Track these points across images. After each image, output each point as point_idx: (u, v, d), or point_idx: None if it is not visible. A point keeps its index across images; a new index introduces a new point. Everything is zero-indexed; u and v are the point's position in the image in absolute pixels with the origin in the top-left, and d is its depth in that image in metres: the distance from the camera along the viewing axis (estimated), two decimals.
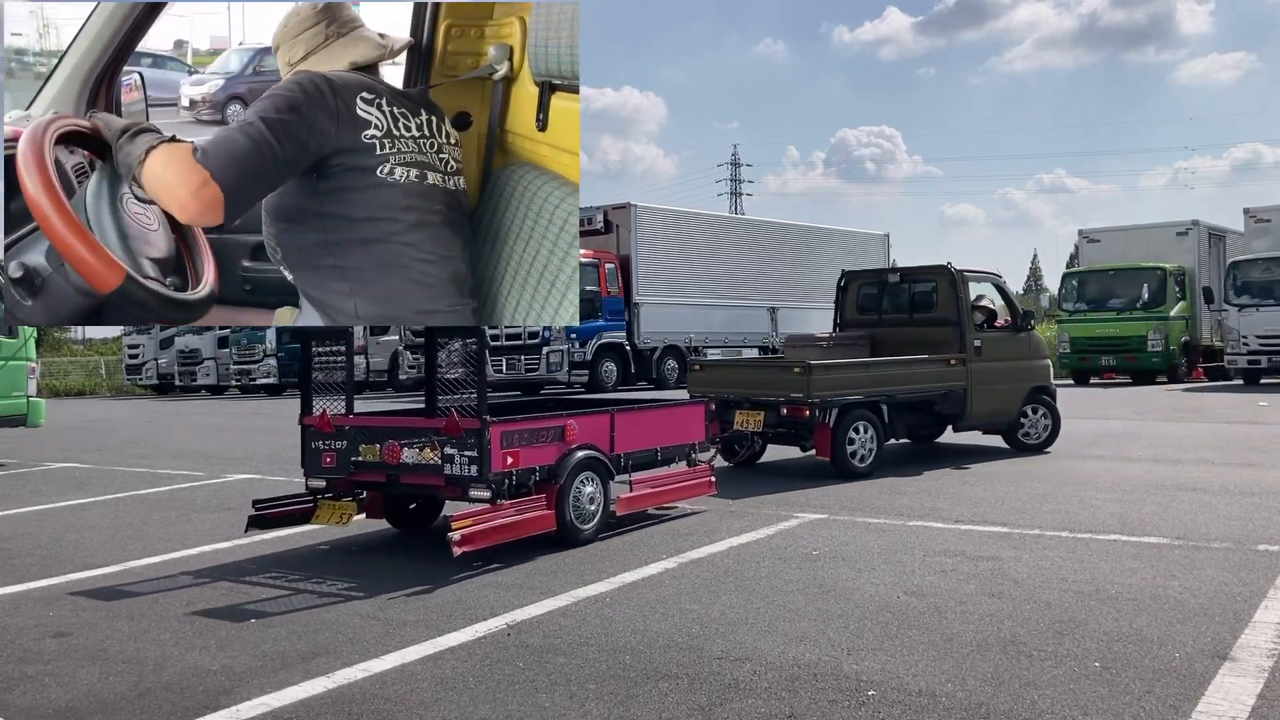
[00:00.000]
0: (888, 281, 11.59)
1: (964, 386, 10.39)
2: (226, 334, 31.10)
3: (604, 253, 22.80)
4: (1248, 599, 5.14)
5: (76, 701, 4.08)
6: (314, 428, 6.63)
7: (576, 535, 6.56)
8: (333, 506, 6.60)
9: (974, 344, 10.53)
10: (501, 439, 6.06)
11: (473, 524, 5.86)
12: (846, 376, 9.62)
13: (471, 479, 6.00)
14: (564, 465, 6.46)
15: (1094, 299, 24.22)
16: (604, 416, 7.00)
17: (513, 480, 6.19)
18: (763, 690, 4.00)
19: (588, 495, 6.65)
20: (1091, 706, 3.76)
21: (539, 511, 6.28)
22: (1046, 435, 11.21)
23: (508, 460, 6.10)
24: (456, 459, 6.02)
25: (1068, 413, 16.13)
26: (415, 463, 6.19)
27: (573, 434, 6.57)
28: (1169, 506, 7.74)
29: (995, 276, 11.52)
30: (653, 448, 7.40)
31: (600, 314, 22.45)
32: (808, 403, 9.17)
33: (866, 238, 30.11)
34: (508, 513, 6.09)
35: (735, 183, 79.16)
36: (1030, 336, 11.34)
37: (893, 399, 9.91)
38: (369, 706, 3.93)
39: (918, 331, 10.93)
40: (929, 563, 6.04)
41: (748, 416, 9.59)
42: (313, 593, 5.64)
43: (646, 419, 7.49)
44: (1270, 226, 22.66)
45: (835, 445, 9.31)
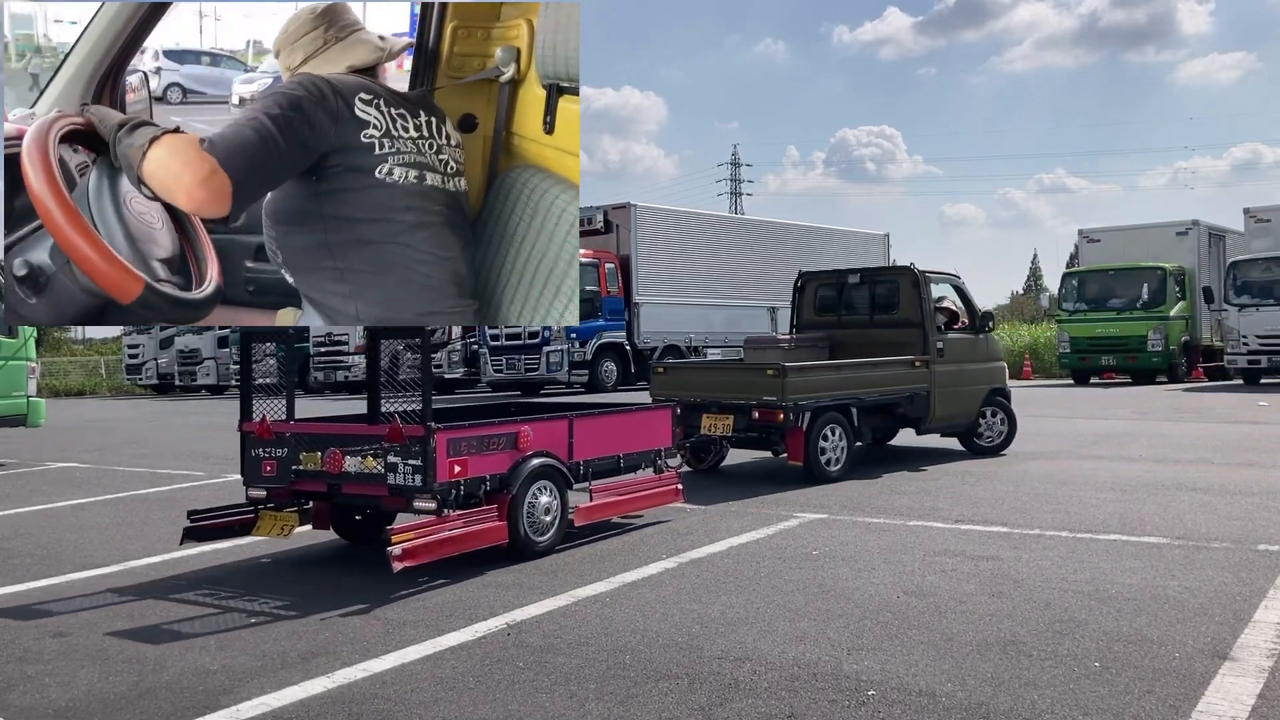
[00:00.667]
0: (847, 282, 11.36)
1: (927, 389, 10.23)
2: (226, 334, 31.10)
3: (604, 253, 22.79)
4: (1248, 599, 5.14)
5: (76, 701, 4.08)
6: (253, 434, 6.30)
7: (531, 548, 6.25)
8: (274, 517, 6.30)
9: (936, 346, 10.38)
10: (448, 447, 5.76)
11: (414, 537, 5.56)
12: (819, 379, 9.44)
13: (416, 489, 5.70)
14: (517, 474, 6.14)
15: (1094, 299, 24.21)
16: (561, 422, 6.67)
17: (461, 490, 5.86)
18: (763, 690, 4.00)
19: (543, 505, 6.32)
20: (1091, 706, 3.77)
21: (489, 523, 5.97)
22: (1002, 438, 11.08)
23: (455, 469, 5.79)
24: (400, 468, 5.72)
25: (1068, 413, 16.19)
26: (358, 472, 5.90)
27: (527, 441, 6.26)
28: (1169, 506, 7.74)
29: (954, 277, 11.35)
30: (615, 454, 7.09)
31: (600, 314, 22.44)
32: (781, 406, 8.92)
33: (867, 238, 30.09)
34: (454, 525, 5.77)
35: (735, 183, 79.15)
36: (988, 338, 11.22)
37: (861, 402, 9.71)
38: (369, 706, 3.93)
39: (879, 333, 10.76)
40: (929, 563, 6.04)
41: (715, 420, 9.30)
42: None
43: (608, 424, 7.16)
44: (1270, 226, 22.65)
45: (808, 449, 9.09)
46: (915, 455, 11.05)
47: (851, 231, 29.88)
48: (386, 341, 6.32)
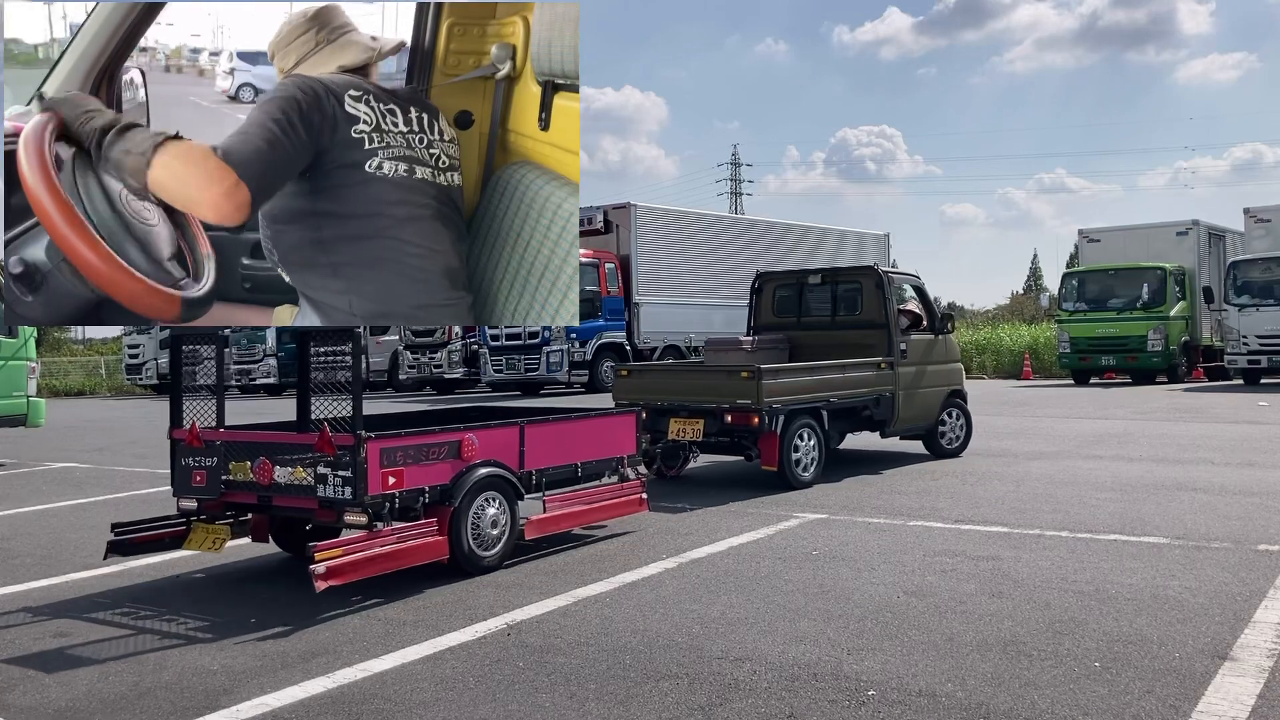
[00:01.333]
0: (807, 283, 11.10)
1: (892, 391, 10.05)
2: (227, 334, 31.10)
3: (604, 252, 22.79)
4: (1248, 599, 5.14)
5: (76, 701, 4.08)
6: (183, 442, 5.95)
7: (476, 563, 5.90)
8: (206, 530, 5.96)
9: (900, 347, 10.20)
10: (381, 457, 5.41)
11: (342, 554, 5.21)
12: (794, 382, 9.14)
13: (346, 502, 5.34)
14: (460, 485, 5.78)
15: (1094, 299, 24.20)
16: (511, 429, 6.31)
17: (395, 503, 5.52)
18: (763, 690, 4.00)
19: (490, 518, 5.96)
20: (1091, 706, 3.76)
21: (428, 538, 5.62)
22: (961, 440, 11.00)
23: (389, 481, 5.45)
24: (330, 479, 5.36)
25: (1068, 413, 16.19)
26: (287, 483, 5.55)
27: (471, 450, 5.90)
28: (1169, 506, 7.74)
29: (914, 277, 11.15)
30: (572, 463, 6.71)
31: (600, 314, 22.44)
32: (756, 409, 8.61)
33: (867, 237, 30.10)
34: (386, 540, 5.41)
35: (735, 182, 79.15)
36: (947, 340, 11.03)
37: (831, 405, 9.46)
38: (369, 706, 3.93)
39: (841, 335, 10.54)
40: (929, 563, 6.04)
41: (685, 425, 8.96)
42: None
43: (565, 431, 6.78)
44: (1270, 226, 22.65)
45: (782, 454, 8.83)
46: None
47: (852, 231, 29.89)
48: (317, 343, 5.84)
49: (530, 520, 6.28)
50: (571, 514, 6.64)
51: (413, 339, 26.50)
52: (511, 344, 22.86)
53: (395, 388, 28.03)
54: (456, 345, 25.64)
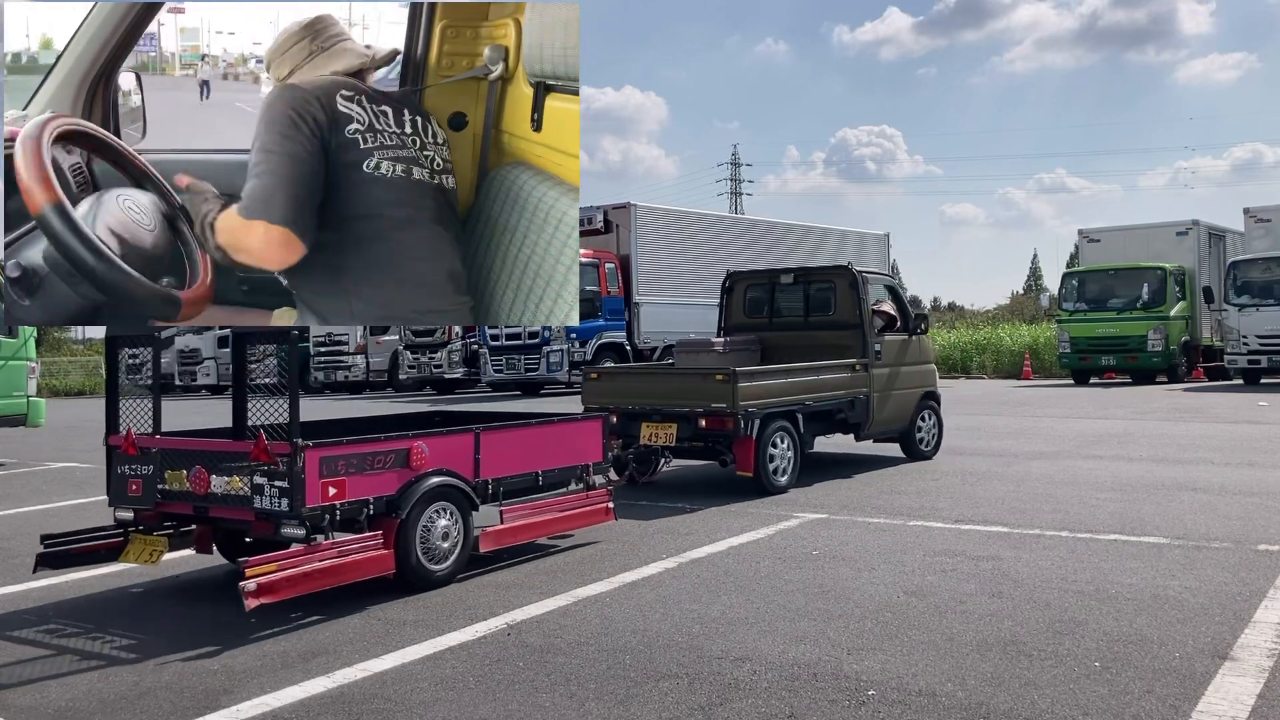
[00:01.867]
0: (779, 283, 10.83)
1: (867, 393, 9.84)
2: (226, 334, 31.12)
3: (604, 252, 22.78)
4: (1248, 599, 5.14)
5: (76, 701, 4.08)
6: (119, 449, 5.68)
7: (426, 578, 5.60)
8: (144, 542, 5.68)
9: (875, 349, 10.00)
10: (321, 466, 5.13)
11: (275, 570, 4.94)
12: (769, 384, 8.86)
13: (283, 514, 5.07)
14: (408, 496, 5.49)
15: (1094, 299, 24.20)
16: (465, 436, 6.00)
17: (337, 515, 5.23)
18: (763, 690, 4.00)
19: (441, 530, 5.67)
20: (1091, 706, 3.76)
21: (372, 552, 5.33)
22: (935, 442, 10.86)
23: (329, 491, 5.17)
24: (267, 489, 5.10)
25: (1068, 413, 16.19)
26: (224, 493, 5.30)
27: (421, 458, 5.61)
28: (1169, 506, 7.74)
29: (887, 277, 10.94)
30: (532, 471, 6.41)
31: (600, 314, 22.44)
32: (731, 413, 8.35)
33: (867, 237, 30.10)
34: (325, 555, 5.14)
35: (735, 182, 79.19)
36: (920, 340, 10.83)
37: (807, 408, 9.21)
38: (369, 706, 3.93)
39: (814, 335, 10.31)
40: (929, 563, 6.04)
41: (657, 429, 8.71)
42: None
43: (525, 437, 6.48)
44: (1270, 226, 22.63)
45: (758, 458, 8.56)
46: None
47: (852, 231, 29.88)
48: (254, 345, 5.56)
49: (486, 531, 6.00)
50: (531, 525, 6.34)
51: (413, 339, 26.49)
52: (511, 344, 22.86)
53: (395, 388, 28.03)
54: (456, 345, 25.63)
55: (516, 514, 6.27)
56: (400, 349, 27.15)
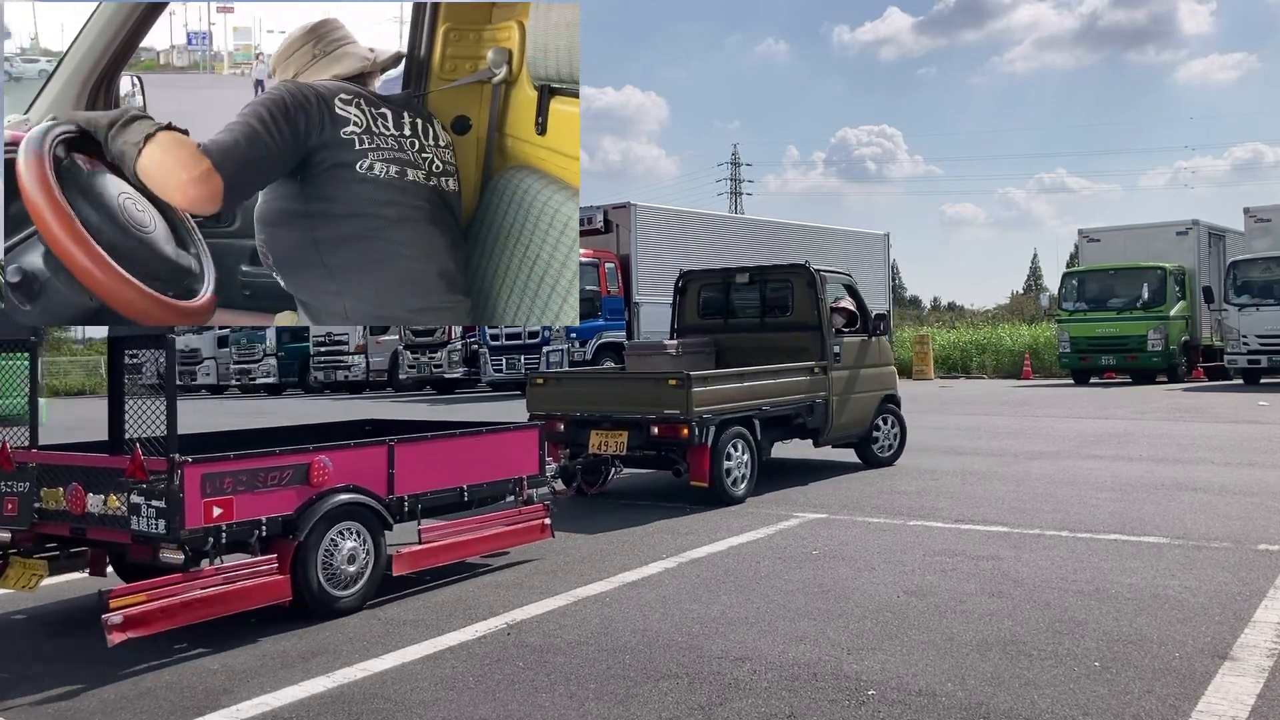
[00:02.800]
0: (734, 282, 10.38)
1: (826, 397, 9.43)
2: (226, 334, 31.17)
3: (604, 252, 22.78)
4: (1248, 598, 5.14)
5: (76, 701, 4.08)
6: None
7: (328, 605, 5.14)
8: (22, 565, 5.20)
9: (834, 350, 9.60)
10: (203, 484, 4.69)
11: (146, 600, 4.48)
12: (725, 389, 8.41)
13: (160, 537, 4.63)
14: (308, 515, 5.05)
15: (1094, 298, 24.20)
16: (377, 449, 5.55)
17: (222, 538, 4.78)
18: (763, 690, 4.01)
19: (346, 552, 5.21)
20: (1091, 706, 3.77)
21: (264, 577, 4.89)
22: (895, 448, 10.46)
23: (214, 512, 4.73)
24: (144, 510, 4.65)
25: (1068, 413, 16.19)
26: (101, 513, 4.85)
27: (323, 474, 5.16)
28: (1169, 506, 7.74)
29: (846, 276, 10.63)
30: (456, 486, 5.95)
31: (600, 314, 22.44)
32: (685, 420, 7.89)
33: (867, 237, 30.12)
34: (208, 582, 4.70)
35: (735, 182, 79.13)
36: (879, 342, 10.44)
37: (764, 413, 8.77)
38: (369, 706, 3.94)
39: (771, 337, 9.92)
40: (929, 562, 6.04)
41: (607, 438, 8.23)
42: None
43: (447, 450, 5.98)
44: (1270, 226, 22.62)
45: (714, 468, 8.12)
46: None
47: (852, 231, 29.90)
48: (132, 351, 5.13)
49: (400, 552, 5.57)
50: (453, 545, 5.88)
51: (413, 339, 26.50)
52: (511, 344, 22.87)
53: (395, 387, 28.05)
54: (456, 345, 25.64)
55: (437, 533, 5.82)
56: (400, 349, 27.16)
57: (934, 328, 39.40)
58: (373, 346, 28.26)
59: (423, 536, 5.74)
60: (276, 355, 30.77)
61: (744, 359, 9.75)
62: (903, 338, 32.90)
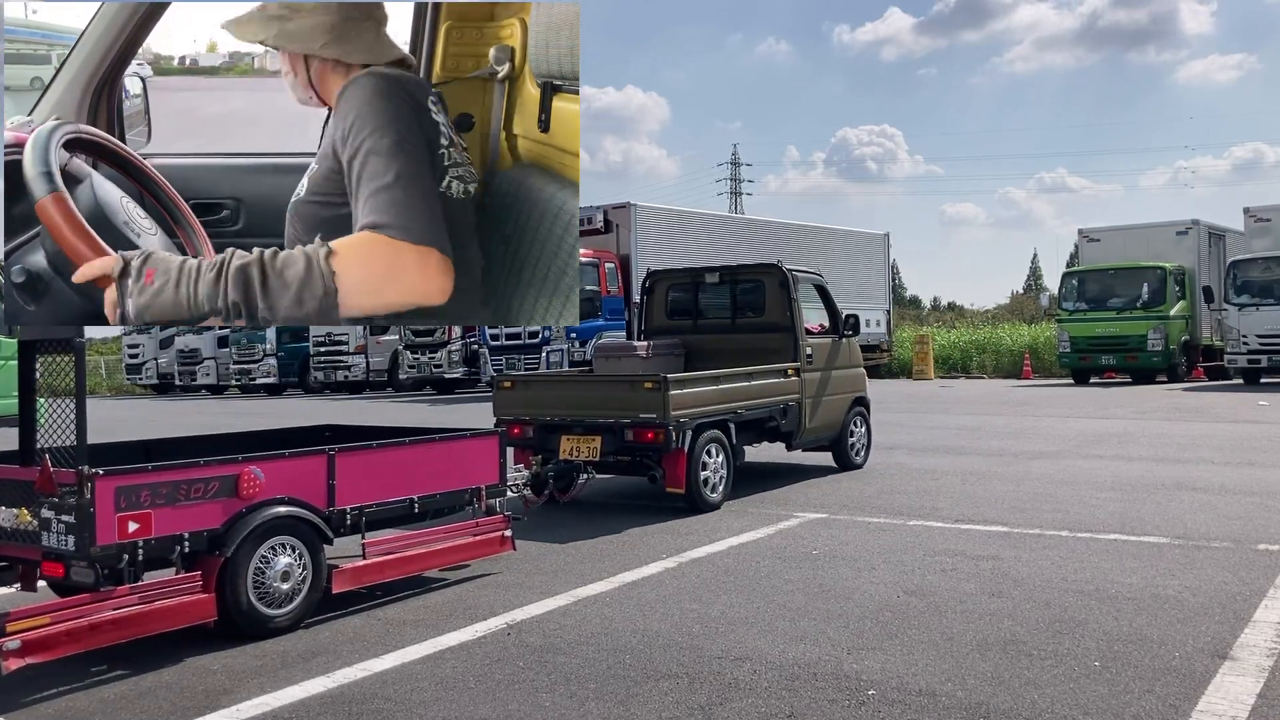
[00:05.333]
0: (704, 282, 10.15)
1: (799, 399, 9.22)
2: (226, 334, 31.16)
3: (604, 252, 22.79)
4: (1248, 598, 5.14)
5: (76, 701, 4.08)
6: None
7: (259, 625, 4.82)
8: None
9: (806, 352, 9.40)
10: (117, 497, 4.40)
11: (49, 623, 4.19)
12: (701, 392, 8.16)
13: (70, 554, 4.36)
14: (236, 530, 4.74)
15: (1094, 298, 24.20)
16: (316, 459, 5.21)
17: (139, 555, 4.48)
18: (763, 690, 4.01)
19: (280, 569, 4.89)
20: (1091, 706, 3.77)
21: (186, 596, 4.59)
22: (865, 450, 10.37)
23: (129, 527, 4.44)
24: (54, 524, 4.37)
25: (1068, 413, 16.19)
26: (12, 528, 4.62)
27: (253, 486, 4.85)
28: (1169, 506, 7.74)
29: (816, 276, 10.43)
30: (406, 497, 5.62)
31: (600, 313, 22.44)
32: (662, 424, 7.65)
33: (867, 237, 30.13)
34: (122, 602, 4.41)
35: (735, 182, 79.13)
36: (850, 343, 10.26)
37: (740, 417, 8.53)
38: (369, 706, 3.94)
39: (742, 338, 9.71)
40: (929, 562, 6.04)
41: (578, 443, 7.98)
42: None
43: (395, 459, 5.62)
44: (1270, 226, 22.62)
45: (690, 473, 7.87)
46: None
47: (852, 231, 29.90)
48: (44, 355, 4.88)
49: (342, 569, 5.25)
50: (401, 559, 5.56)
51: (412, 339, 26.49)
52: (511, 344, 22.88)
53: (395, 387, 28.05)
54: (456, 345, 25.64)
55: (383, 548, 5.50)
56: (400, 349, 27.16)
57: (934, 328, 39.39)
58: (373, 346, 28.26)
59: (366, 551, 5.41)
60: (276, 355, 30.78)
61: (714, 361, 9.50)
62: (903, 337, 32.91)
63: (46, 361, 4.92)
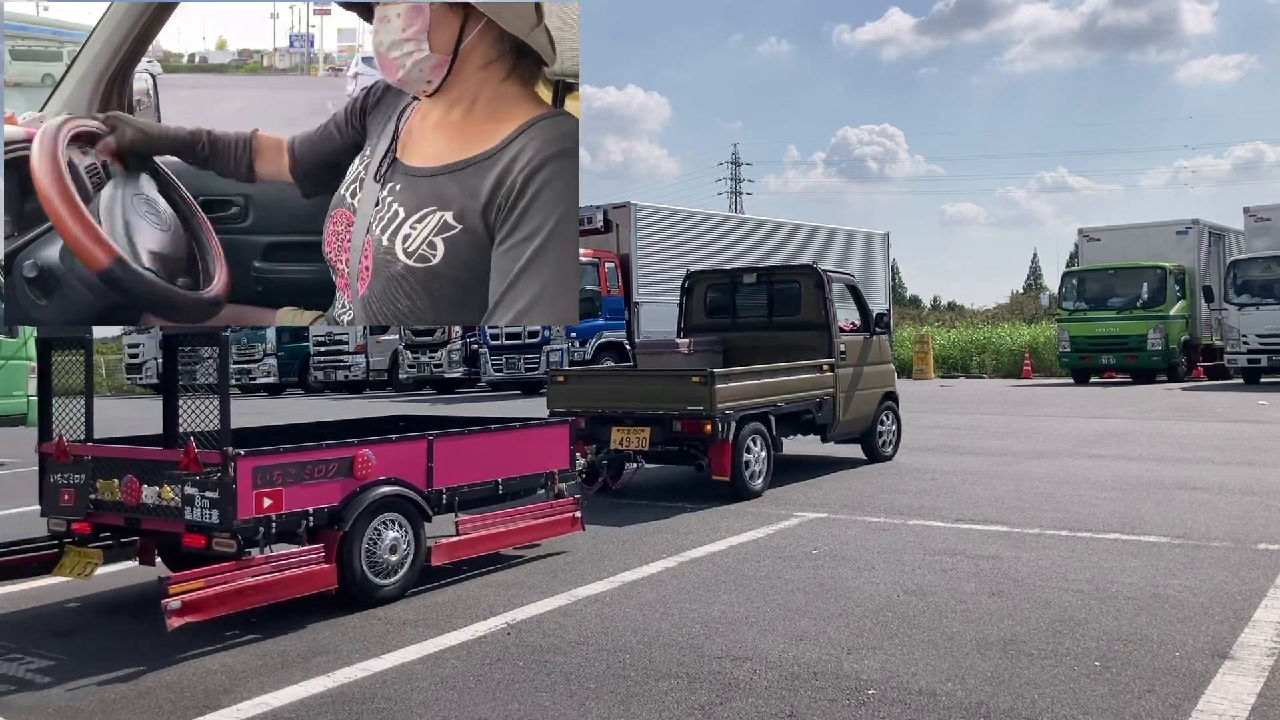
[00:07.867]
0: (742, 282, 10.68)
1: (834, 394, 9.69)
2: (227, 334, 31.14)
3: (604, 252, 22.78)
4: (1248, 598, 5.14)
5: (76, 701, 4.08)
6: (50, 456, 5.50)
7: (371, 593, 5.30)
8: (79, 554, 5.40)
9: (840, 349, 9.86)
10: (254, 476, 4.85)
11: (203, 586, 4.63)
12: (744, 386, 8.57)
13: (213, 526, 4.80)
14: (352, 507, 5.21)
15: (1094, 298, 24.21)
16: (417, 444, 5.68)
17: (272, 528, 4.94)
18: (763, 690, 4.00)
19: (389, 543, 5.37)
20: (1091, 705, 3.77)
21: (312, 566, 5.04)
22: (895, 443, 10.80)
23: (264, 503, 4.89)
24: (197, 500, 4.82)
25: (1068, 412, 16.19)
26: (155, 504, 5.02)
27: (366, 467, 5.33)
28: (1169, 505, 7.74)
29: (849, 276, 10.82)
30: (492, 480, 6.10)
31: (600, 313, 22.44)
32: (709, 416, 8.09)
33: (868, 237, 30.12)
34: (259, 570, 4.85)
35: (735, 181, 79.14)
36: (880, 340, 10.71)
37: (779, 410, 8.98)
38: (369, 706, 3.93)
39: (778, 336, 10.18)
40: (929, 562, 6.04)
41: (629, 434, 8.40)
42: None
43: (483, 444, 6.12)
44: (1270, 225, 22.63)
45: (735, 463, 8.31)
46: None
47: (852, 231, 29.89)
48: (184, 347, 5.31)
49: (439, 543, 5.71)
50: (489, 536, 6.04)
51: (413, 339, 26.48)
52: (511, 343, 22.87)
53: (395, 387, 28.05)
54: (456, 345, 25.63)
55: (473, 525, 5.97)
56: (400, 348, 27.15)
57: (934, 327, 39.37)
58: (373, 346, 28.25)
59: (460, 528, 5.89)
60: (276, 355, 30.77)
61: (751, 358, 9.93)
62: (903, 337, 32.91)
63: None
